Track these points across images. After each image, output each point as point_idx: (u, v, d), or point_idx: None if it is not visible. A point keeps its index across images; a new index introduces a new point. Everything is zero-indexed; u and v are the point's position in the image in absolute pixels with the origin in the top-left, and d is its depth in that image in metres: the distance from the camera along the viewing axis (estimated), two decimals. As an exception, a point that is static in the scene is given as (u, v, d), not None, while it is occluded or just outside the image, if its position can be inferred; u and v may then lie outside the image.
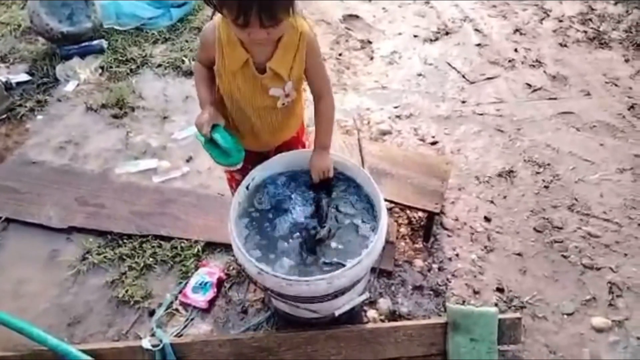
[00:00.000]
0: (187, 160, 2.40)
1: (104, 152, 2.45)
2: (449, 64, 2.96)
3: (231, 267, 1.92)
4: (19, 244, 2.06)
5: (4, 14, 3.29)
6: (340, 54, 3.03)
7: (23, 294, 1.89)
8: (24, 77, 2.81)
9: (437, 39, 3.16)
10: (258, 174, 1.54)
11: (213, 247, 2.00)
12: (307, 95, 1.55)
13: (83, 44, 2.94)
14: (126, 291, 1.86)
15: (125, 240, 2.04)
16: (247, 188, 1.51)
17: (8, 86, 2.71)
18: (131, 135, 2.53)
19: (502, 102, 2.69)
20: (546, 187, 2.21)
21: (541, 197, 2.17)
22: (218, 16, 1.25)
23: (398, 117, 2.62)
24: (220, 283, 1.86)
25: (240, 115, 1.44)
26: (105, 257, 1.98)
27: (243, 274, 1.80)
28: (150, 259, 1.96)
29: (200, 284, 1.84)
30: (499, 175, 2.27)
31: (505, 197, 2.18)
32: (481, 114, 2.62)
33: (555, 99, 2.70)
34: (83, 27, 2.93)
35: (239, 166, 1.42)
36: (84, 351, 1.54)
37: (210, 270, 1.88)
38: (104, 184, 2.29)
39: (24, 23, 3.14)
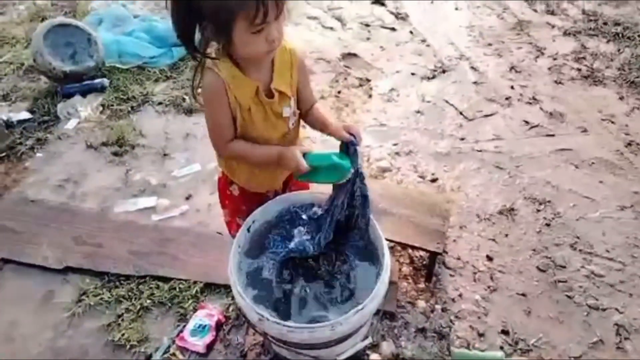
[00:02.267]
0: (187, 198, 2.39)
1: (102, 190, 2.44)
2: (447, 102, 3.00)
3: (230, 309, 1.88)
4: (14, 285, 2.02)
5: (7, 53, 3.34)
6: (339, 92, 3.07)
7: (16, 337, 1.84)
8: (25, 115, 2.83)
9: (434, 77, 3.21)
10: (259, 216, 1.53)
11: (212, 288, 1.97)
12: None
13: (85, 83, 2.98)
14: (122, 335, 1.81)
15: (122, 281, 2.00)
16: (248, 230, 1.50)
17: (9, 124, 2.73)
18: (131, 173, 2.53)
19: (500, 139, 2.71)
20: (548, 224, 2.20)
21: (543, 235, 2.15)
22: (211, 65, 1.25)
23: (397, 154, 2.64)
24: (219, 326, 1.82)
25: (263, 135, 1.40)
26: (101, 298, 1.94)
27: (243, 317, 1.76)
28: (148, 301, 1.92)
29: (199, 327, 1.79)
30: (500, 212, 2.26)
31: (506, 235, 2.16)
32: (480, 151, 2.63)
33: (552, 135, 2.73)
34: (85, 66, 2.97)
35: (351, 172, 1.33)
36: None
37: (209, 312, 1.84)
38: (102, 222, 2.26)
39: (27, 62, 3.19)
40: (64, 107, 2.88)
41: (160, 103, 2.98)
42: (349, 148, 1.34)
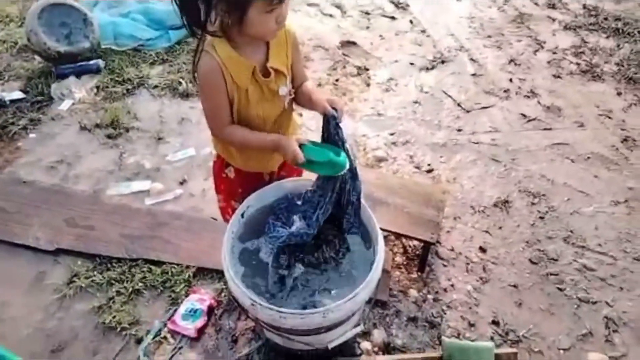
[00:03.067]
0: (181, 183, 2.38)
1: (96, 173, 2.42)
2: (445, 93, 2.98)
3: (222, 294, 1.88)
4: (4, 266, 2.00)
5: (1, 32, 3.28)
6: (337, 80, 3.05)
7: (5, 318, 1.83)
8: (18, 95, 2.79)
9: (433, 68, 3.19)
10: (254, 202, 1.51)
11: (204, 272, 1.96)
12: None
13: (80, 64, 2.94)
14: (113, 317, 1.80)
15: (114, 264, 1.99)
16: (242, 216, 1.49)
17: (1, 104, 2.70)
18: (125, 156, 2.51)
19: (497, 132, 2.71)
20: (541, 218, 2.20)
21: (536, 228, 2.16)
22: (208, 47, 1.23)
23: (394, 144, 2.63)
24: (210, 310, 1.82)
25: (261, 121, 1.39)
26: (93, 281, 1.93)
27: (235, 302, 1.75)
28: (140, 284, 1.91)
29: (190, 311, 1.79)
30: (495, 205, 2.27)
31: (500, 227, 2.16)
32: (477, 143, 2.63)
33: (549, 129, 2.72)
34: (80, 47, 2.92)
35: (346, 169, 1.31)
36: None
37: (201, 297, 1.84)
38: (95, 205, 2.25)
39: (20, 41, 3.14)
40: (58, 88, 2.84)
41: (155, 86, 2.94)
42: (329, 122, 1.32)
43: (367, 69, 3.16)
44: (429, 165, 2.49)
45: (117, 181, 2.38)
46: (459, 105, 2.89)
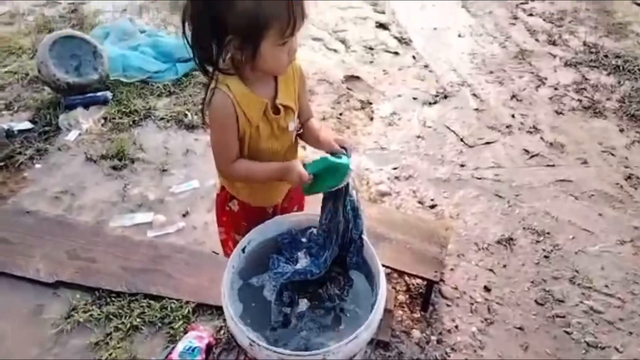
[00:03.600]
0: (184, 215, 2.37)
1: (99, 204, 2.42)
2: (448, 127, 3.01)
3: (222, 332, 1.85)
4: (3, 297, 1.98)
5: (13, 63, 3.35)
6: (340, 114, 3.08)
7: (0, 351, 1.80)
8: (27, 125, 2.82)
9: (436, 102, 3.23)
10: (255, 236, 1.51)
11: (204, 308, 1.94)
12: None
13: (88, 95, 2.98)
14: (110, 354, 1.77)
15: (113, 298, 1.97)
16: (242, 251, 1.48)
17: (9, 133, 2.72)
18: (129, 188, 2.52)
19: (500, 167, 2.71)
20: (546, 257, 2.18)
21: (541, 267, 2.13)
22: (221, 84, 1.25)
23: (397, 178, 2.63)
24: (209, 349, 1.78)
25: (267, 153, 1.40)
26: (91, 315, 1.90)
27: (234, 341, 1.72)
28: (138, 320, 1.88)
29: (188, 349, 1.75)
30: (499, 242, 2.25)
31: (505, 265, 2.14)
32: (480, 179, 2.63)
33: (552, 165, 2.72)
34: (89, 79, 2.98)
35: (352, 170, 1.30)
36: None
37: (200, 334, 1.81)
38: (97, 237, 2.24)
39: (31, 72, 3.20)
40: (66, 119, 2.88)
41: (162, 118, 2.98)
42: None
43: (371, 103, 3.20)
44: (432, 200, 2.48)
45: (121, 213, 2.39)
46: (461, 140, 2.91)
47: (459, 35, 4.03)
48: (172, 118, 2.97)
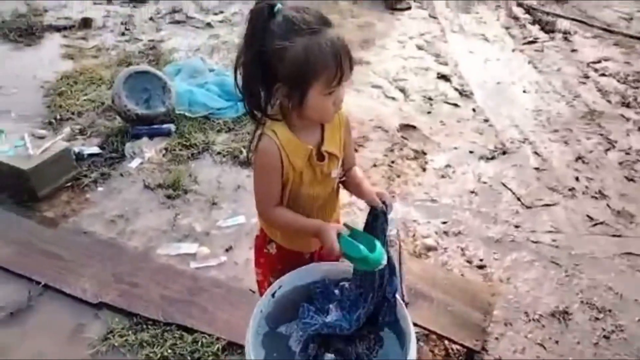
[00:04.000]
0: (227, 250, 2.40)
1: (150, 231, 2.51)
2: (504, 185, 2.88)
3: (248, 375, 1.81)
4: (49, 312, 2.07)
5: (92, 92, 3.63)
6: (392, 162, 3.05)
7: (40, 368, 1.87)
8: (95, 150, 3.02)
9: (493, 158, 3.12)
10: (287, 281, 1.48)
11: (234, 347, 1.91)
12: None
13: (154, 126, 3.16)
14: (138, 383, 1.78)
15: (149, 325, 2.00)
16: (272, 295, 1.46)
17: (79, 157, 2.92)
18: (179, 218, 2.60)
19: (559, 233, 2.54)
20: (606, 337, 1.98)
21: (600, 348, 1.94)
22: (267, 129, 1.28)
23: (445, 233, 2.53)
24: (234, 391, 1.75)
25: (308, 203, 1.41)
26: (126, 340, 1.94)
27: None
28: (169, 351, 1.89)
29: (214, 389, 1.73)
30: (552, 314, 2.08)
31: (557, 341, 1.96)
32: (536, 242, 2.48)
33: (619, 236, 2.52)
34: (157, 111, 3.16)
35: (382, 265, 1.26)
36: None
37: (226, 374, 1.78)
38: (143, 262, 2.31)
39: (107, 102, 3.45)
40: (131, 147, 3.06)
41: (219, 153, 3.09)
42: (378, 217, 1.30)
43: (425, 153, 3.15)
44: (481, 260, 2.36)
45: (169, 241, 2.45)
46: (518, 199, 2.77)
47: (524, 91, 3.93)
48: (228, 153, 3.07)
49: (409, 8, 5.60)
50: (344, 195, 1.51)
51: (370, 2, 5.65)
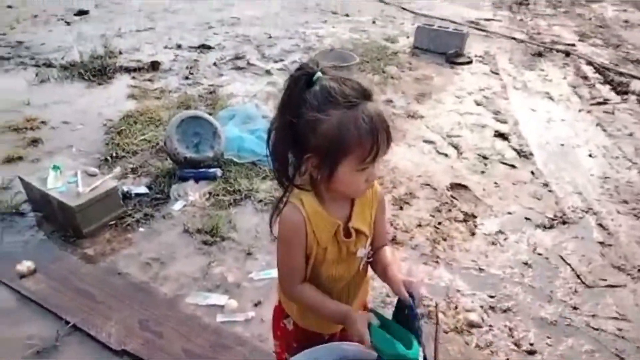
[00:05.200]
0: (256, 304, 2.32)
1: (182, 277, 2.48)
2: (563, 259, 2.62)
3: None
4: (73, 355, 2.06)
5: (150, 132, 3.78)
6: (439, 223, 2.88)
7: (54, 413, 1.83)
8: (143, 190, 3.09)
9: (552, 227, 2.88)
10: (303, 359, 1.37)
11: (249, 417, 1.79)
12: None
13: (201, 170, 3.21)
14: None
15: (167, 381, 1.93)
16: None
17: (127, 196, 2.99)
18: (212, 265, 2.56)
19: (625, 320, 2.25)
20: None
21: None
22: (295, 198, 1.21)
23: (492, 309, 2.31)
24: None
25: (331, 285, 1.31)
26: (141, 395, 1.87)
27: None
28: (182, 412, 1.80)
29: None
30: (613, 421, 1.79)
31: None
32: (597, 330, 2.20)
33: (699, 331, 2.19)
34: (205, 155, 3.22)
35: None
36: None
37: None
38: (171, 311, 2.27)
39: (161, 142, 3.56)
40: (177, 189, 3.10)
41: (260, 200, 3.06)
42: (404, 309, 1.17)
43: (475, 217, 2.96)
44: (531, 345, 2.11)
45: (199, 290, 2.41)
46: (578, 277, 2.50)
47: (590, 155, 3.66)
48: (269, 202, 3.04)
49: (470, 62, 5.51)
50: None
51: (430, 55, 5.63)
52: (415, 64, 5.38)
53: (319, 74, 1.10)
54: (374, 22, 6.88)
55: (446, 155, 3.64)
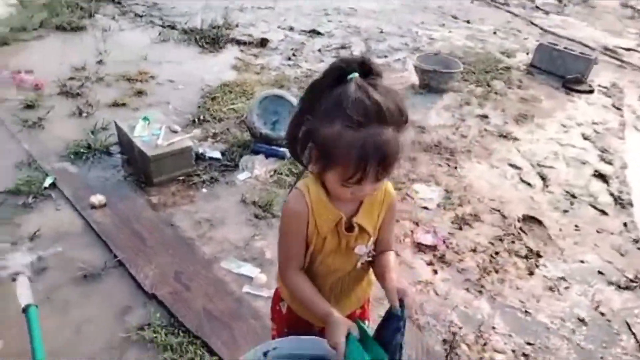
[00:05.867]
0: (284, 286, 2.35)
1: (225, 242, 2.59)
2: (629, 325, 2.30)
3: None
4: (112, 286, 2.27)
5: (240, 103, 3.97)
6: (496, 253, 2.67)
7: (81, 331, 2.04)
8: (216, 155, 3.27)
9: (627, 288, 2.52)
10: (285, 345, 1.36)
11: (242, 388, 1.83)
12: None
13: (273, 147, 3.30)
14: (143, 383, 1.82)
15: (181, 332, 2.05)
16: (264, 355, 1.35)
17: (200, 157, 3.19)
18: (256, 238, 2.64)
19: (684, 415, 1.91)
20: None
21: None
22: (303, 184, 1.20)
23: (526, 356, 2.11)
24: None
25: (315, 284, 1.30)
26: (155, 338, 2.00)
27: None
28: (184, 364, 1.91)
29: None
30: None
31: None
32: (643, 414, 1.90)
33: None
34: (279, 134, 3.30)
35: None
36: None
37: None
38: (205, 270, 2.39)
39: (245, 115, 3.72)
40: (246, 161, 3.24)
41: (320, 188, 3.07)
42: (390, 320, 1.14)
43: (540, 256, 2.69)
44: (557, 407, 1.89)
45: (236, 257, 2.50)
46: (641, 350, 2.18)
47: None
48: (328, 192, 3.04)
49: (590, 92, 4.97)
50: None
51: (547, 76, 5.18)
52: (526, 83, 4.99)
53: (354, 74, 1.04)
54: (494, 33, 6.49)
55: (529, 184, 3.34)
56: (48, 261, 2.34)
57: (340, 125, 1.01)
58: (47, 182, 2.83)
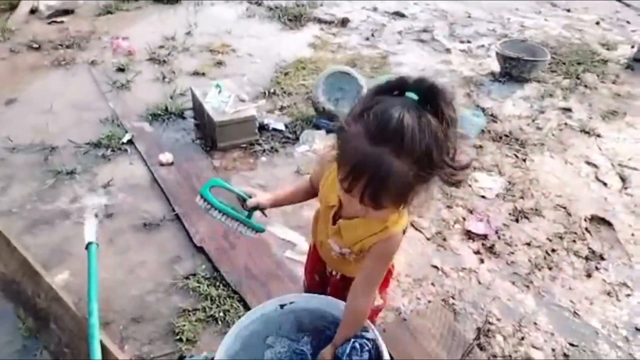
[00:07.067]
0: (325, 256, 2.41)
1: (275, 209, 2.69)
2: (695, 346, 2.07)
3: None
4: (167, 236, 2.47)
5: (310, 80, 4.03)
6: (553, 250, 2.51)
7: (134, 272, 2.25)
8: (279, 127, 3.37)
9: (702, 307, 2.26)
10: (299, 300, 1.47)
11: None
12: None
13: (334, 123, 3.34)
14: (183, 326, 1.99)
15: (221, 285, 2.19)
16: (280, 307, 1.45)
17: (263, 126, 3.32)
18: (305, 208, 2.69)
19: None
20: None
21: None
22: (330, 157, 1.25)
23: (566, 356, 1.99)
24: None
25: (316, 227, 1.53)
26: (198, 287, 2.16)
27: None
28: (221, 314, 2.06)
29: None
30: None
31: None
32: None
33: None
34: (341, 111, 3.32)
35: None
36: None
37: None
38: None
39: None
40: (307, 134, 3.31)
41: (376, 167, 3.07)
42: None
43: (603, 259, 2.49)
44: (590, 415, 1.77)
45: (286, 223, 2.60)
46: None
47: None
48: (383, 171, 3.03)
49: (702, 91, 4.40)
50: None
51: (653, 72, 4.66)
52: (623, 78, 4.53)
53: (412, 95, 0.98)
54: (597, 23, 5.92)
55: (605, 184, 3.07)
56: (116, 208, 2.60)
57: (361, 128, 0.99)
58: (126, 138, 3.12)
